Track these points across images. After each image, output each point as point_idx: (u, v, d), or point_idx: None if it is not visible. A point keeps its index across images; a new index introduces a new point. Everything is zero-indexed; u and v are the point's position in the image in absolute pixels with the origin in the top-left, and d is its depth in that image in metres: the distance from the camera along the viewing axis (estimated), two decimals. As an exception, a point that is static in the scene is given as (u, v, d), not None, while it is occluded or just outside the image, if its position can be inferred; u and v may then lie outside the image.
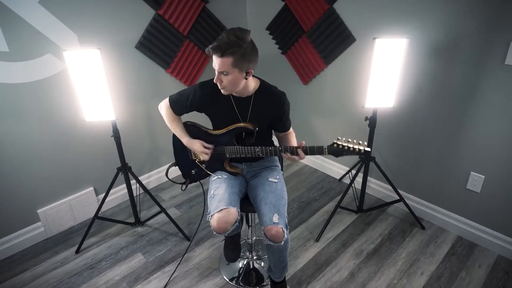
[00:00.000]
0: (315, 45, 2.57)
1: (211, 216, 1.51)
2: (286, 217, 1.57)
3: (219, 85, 1.50)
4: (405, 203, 2.31)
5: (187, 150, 1.80)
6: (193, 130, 1.75)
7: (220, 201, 1.53)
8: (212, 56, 1.43)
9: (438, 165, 2.24)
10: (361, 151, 1.49)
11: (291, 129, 1.79)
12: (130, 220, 2.43)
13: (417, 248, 2.17)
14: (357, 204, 2.45)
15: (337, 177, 2.91)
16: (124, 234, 2.35)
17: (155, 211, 2.44)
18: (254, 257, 2.07)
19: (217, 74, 1.46)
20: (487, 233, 2.13)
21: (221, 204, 1.51)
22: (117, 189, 2.62)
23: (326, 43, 2.50)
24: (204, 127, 1.75)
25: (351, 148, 1.49)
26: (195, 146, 1.70)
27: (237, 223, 1.54)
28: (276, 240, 1.51)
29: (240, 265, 2.07)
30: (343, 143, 1.49)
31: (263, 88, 1.62)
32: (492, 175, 2.02)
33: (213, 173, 1.76)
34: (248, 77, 1.48)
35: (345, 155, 1.52)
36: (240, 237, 1.97)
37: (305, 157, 1.56)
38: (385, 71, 1.89)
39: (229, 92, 1.54)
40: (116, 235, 2.34)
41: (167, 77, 2.61)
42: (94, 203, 2.50)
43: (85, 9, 2.06)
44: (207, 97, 1.63)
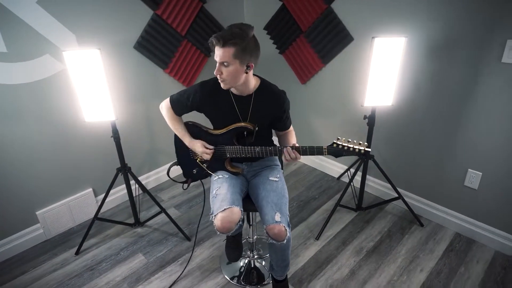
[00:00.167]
0: (313, 44, 2.58)
1: (215, 216, 1.51)
2: (288, 216, 1.58)
3: (219, 77, 1.50)
4: (404, 200, 2.33)
5: (188, 149, 1.80)
6: (193, 130, 1.75)
7: (223, 201, 1.53)
8: (214, 47, 1.43)
9: (436, 163, 2.26)
10: (361, 151, 1.47)
11: (291, 128, 1.79)
12: (129, 220, 2.42)
13: (416, 245, 2.19)
14: (356, 202, 2.47)
15: (336, 175, 2.93)
16: (124, 235, 2.34)
17: (154, 211, 2.43)
18: (255, 256, 2.08)
19: (218, 65, 1.46)
20: (484, 229, 2.16)
21: (224, 203, 1.52)
22: (116, 190, 2.61)
23: (324, 42, 2.52)
24: (204, 127, 1.75)
25: (351, 148, 1.47)
26: (196, 146, 1.70)
27: (240, 222, 1.55)
28: (278, 238, 1.52)
29: (241, 264, 2.07)
30: (343, 143, 1.48)
31: (263, 86, 1.63)
32: (489, 172, 2.05)
33: (214, 173, 1.76)
34: (248, 71, 1.49)
35: (345, 155, 1.51)
36: (241, 236, 1.97)
37: (301, 157, 1.56)
38: (384, 69, 1.90)
39: (229, 86, 1.53)
40: (115, 236, 2.33)
41: (165, 77, 2.61)
42: (93, 204, 2.49)
43: (83, 10, 2.05)
44: (208, 96, 1.63)
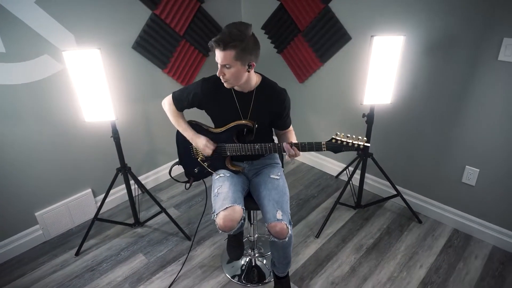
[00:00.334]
0: (311, 44, 2.60)
1: (217, 214, 1.52)
2: (289, 213, 1.59)
3: (222, 78, 1.51)
4: (403, 198, 2.36)
5: (189, 148, 1.80)
6: (195, 128, 1.75)
7: (225, 199, 1.54)
8: (214, 50, 1.45)
9: (434, 160, 2.29)
10: (360, 146, 1.46)
11: (291, 127, 1.80)
12: (129, 221, 2.41)
13: (415, 241, 2.22)
14: (355, 200, 2.49)
15: (334, 174, 2.94)
16: (123, 235, 2.34)
17: (154, 211, 2.43)
18: (256, 255, 2.09)
19: (220, 67, 1.48)
20: (482, 225, 2.19)
21: (226, 202, 1.52)
22: (115, 190, 2.60)
23: (322, 41, 2.53)
24: (205, 125, 1.76)
25: (349, 143, 1.46)
26: (200, 140, 1.71)
27: (242, 221, 1.55)
28: (280, 236, 1.53)
29: (242, 263, 2.08)
30: (342, 139, 1.47)
31: (264, 84, 1.64)
32: (486, 169, 2.07)
33: (215, 172, 1.76)
34: (250, 70, 1.50)
35: (344, 151, 1.50)
36: (243, 235, 1.98)
37: (300, 154, 1.57)
38: (383, 68, 1.92)
39: (231, 85, 1.55)
40: (115, 237, 2.32)
41: (164, 77, 2.61)
42: (92, 205, 2.48)
43: (82, 9, 2.04)
44: (209, 93, 1.64)
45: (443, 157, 2.24)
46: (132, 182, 2.21)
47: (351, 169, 2.74)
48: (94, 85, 1.78)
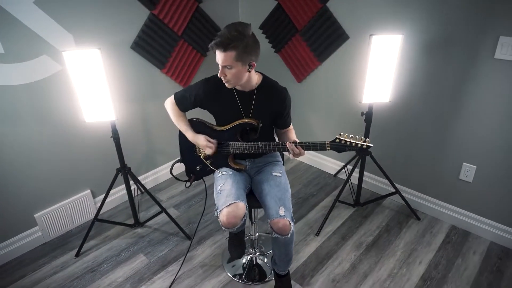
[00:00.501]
0: (309, 43, 2.62)
1: (220, 211, 1.53)
2: (291, 210, 1.61)
3: (223, 79, 1.53)
4: (401, 195, 2.38)
5: (192, 146, 1.81)
6: (198, 126, 1.77)
7: (228, 196, 1.55)
8: (215, 51, 1.46)
9: (432, 158, 2.31)
10: (364, 147, 1.48)
11: (291, 126, 1.82)
12: (129, 221, 2.41)
13: (414, 238, 2.24)
14: (354, 198, 2.51)
15: (332, 172, 2.96)
16: (124, 235, 2.33)
17: (154, 211, 2.43)
18: (257, 253, 2.09)
19: (221, 68, 1.49)
20: (479, 221, 2.22)
21: (229, 199, 1.53)
22: (114, 191, 2.59)
23: (319, 41, 2.55)
24: (209, 123, 1.77)
25: (353, 143, 1.48)
26: (200, 140, 1.71)
27: (245, 218, 1.56)
28: (283, 232, 1.54)
29: (243, 262, 2.08)
30: (346, 139, 1.49)
31: (265, 83, 1.65)
32: (483, 165, 2.10)
33: (218, 169, 1.77)
34: (251, 69, 1.52)
35: (347, 151, 1.53)
36: (244, 233, 1.98)
37: (305, 153, 1.59)
38: (381, 66, 1.94)
39: (233, 85, 1.57)
40: (115, 237, 2.32)
41: (162, 77, 2.60)
42: (91, 206, 2.47)
43: (81, 10, 2.04)
44: (211, 92, 1.66)
45: (440, 155, 2.26)
46: (131, 182, 2.21)
47: (349, 167, 2.76)
48: (94, 85, 1.78)
